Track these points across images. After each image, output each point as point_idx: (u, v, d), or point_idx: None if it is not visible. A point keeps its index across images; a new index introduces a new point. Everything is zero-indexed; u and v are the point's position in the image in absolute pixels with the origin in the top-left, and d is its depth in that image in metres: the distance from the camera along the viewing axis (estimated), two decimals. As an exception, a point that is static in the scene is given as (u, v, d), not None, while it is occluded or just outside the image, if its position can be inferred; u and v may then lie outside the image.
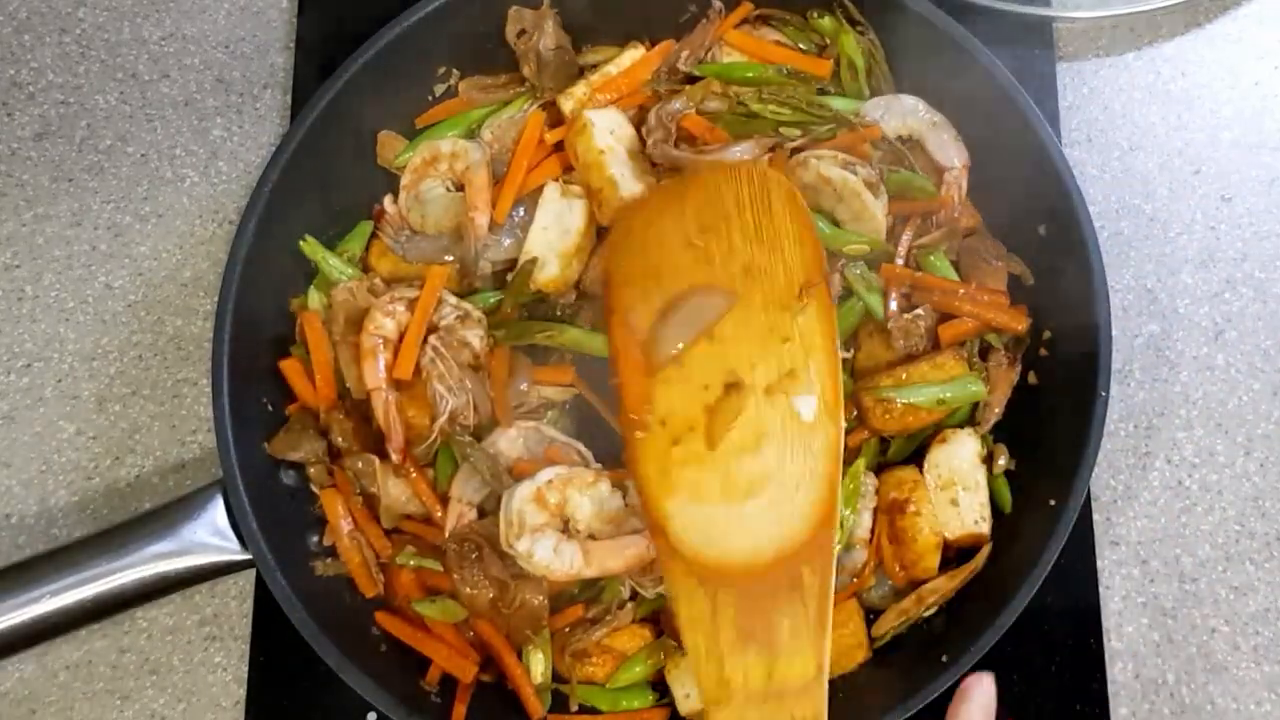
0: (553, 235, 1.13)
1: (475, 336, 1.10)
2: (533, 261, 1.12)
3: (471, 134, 1.21)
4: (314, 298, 1.16)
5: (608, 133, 1.14)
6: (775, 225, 0.85)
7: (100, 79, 1.35)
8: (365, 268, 1.18)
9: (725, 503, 0.78)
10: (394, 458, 1.08)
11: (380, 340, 1.09)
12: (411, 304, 1.10)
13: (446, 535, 1.07)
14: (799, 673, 0.76)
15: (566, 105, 1.19)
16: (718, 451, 0.79)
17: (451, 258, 1.15)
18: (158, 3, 1.39)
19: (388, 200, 1.20)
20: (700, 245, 0.85)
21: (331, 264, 1.15)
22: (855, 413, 1.10)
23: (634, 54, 1.21)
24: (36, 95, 1.34)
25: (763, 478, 0.78)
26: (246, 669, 1.14)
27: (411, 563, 1.08)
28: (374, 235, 1.19)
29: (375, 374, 1.09)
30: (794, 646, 0.77)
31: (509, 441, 1.09)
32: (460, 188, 1.18)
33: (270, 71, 1.36)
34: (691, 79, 1.18)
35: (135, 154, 1.32)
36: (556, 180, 1.16)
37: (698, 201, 0.87)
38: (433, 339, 1.09)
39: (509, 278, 1.14)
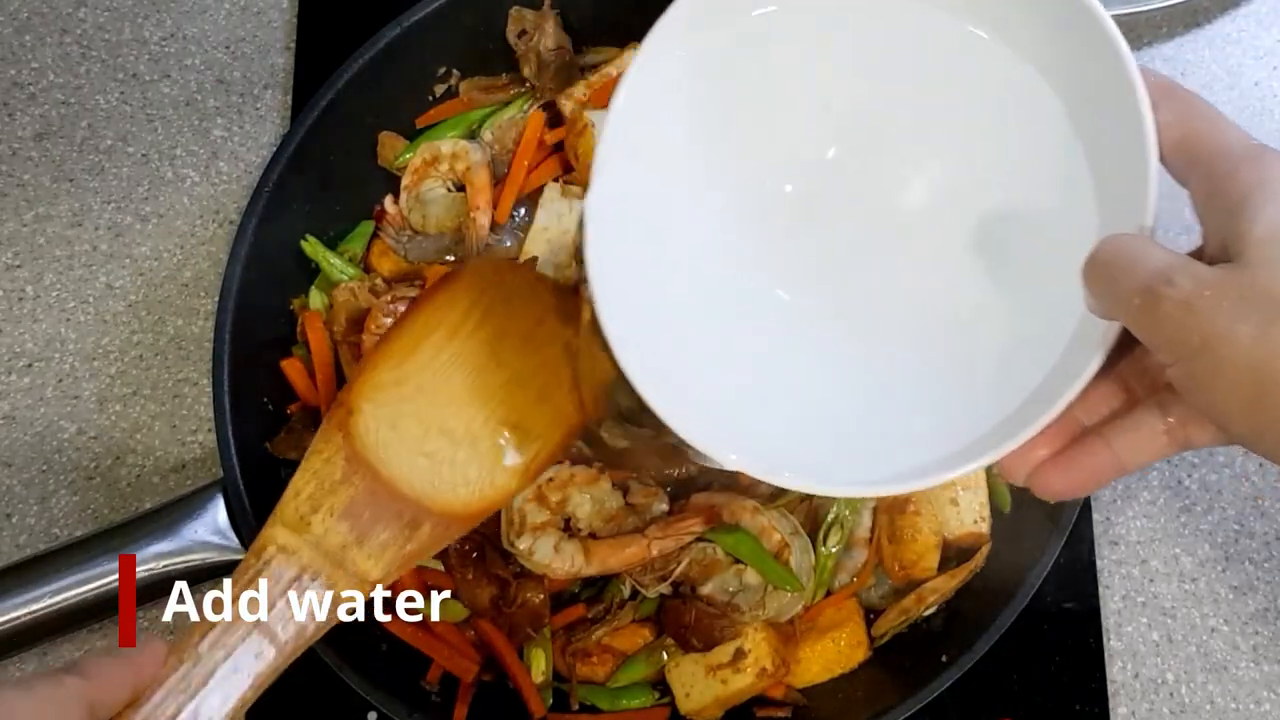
0: (553, 235, 1.13)
1: (476, 336, 1.10)
2: (533, 261, 1.12)
3: (472, 134, 1.21)
4: (315, 297, 1.16)
5: (608, 133, 1.14)
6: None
7: (101, 79, 1.35)
8: (367, 268, 1.18)
9: (407, 443, 0.89)
10: (395, 457, 1.08)
11: (381, 340, 1.09)
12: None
13: (447, 534, 1.07)
14: (363, 569, 0.85)
15: (567, 106, 1.18)
16: (426, 420, 0.90)
17: (453, 258, 1.15)
18: (158, 3, 1.39)
19: (388, 200, 1.20)
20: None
21: (333, 264, 1.15)
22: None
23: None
24: (37, 95, 1.34)
25: (445, 457, 0.89)
26: (247, 668, 1.14)
27: (412, 562, 1.08)
28: (375, 235, 1.19)
29: (376, 374, 1.09)
30: (375, 553, 0.86)
31: (510, 441, 1.10)
32: (461, 188, 1.18)
33: (271, 72, 1.36)
34: (692, 79, 1.18)
35: (136, 154, 1.32)
36: (557, 181, 1.16)
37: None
38: (433, 339, 1.09)
39: (509, 278, 1.15)
